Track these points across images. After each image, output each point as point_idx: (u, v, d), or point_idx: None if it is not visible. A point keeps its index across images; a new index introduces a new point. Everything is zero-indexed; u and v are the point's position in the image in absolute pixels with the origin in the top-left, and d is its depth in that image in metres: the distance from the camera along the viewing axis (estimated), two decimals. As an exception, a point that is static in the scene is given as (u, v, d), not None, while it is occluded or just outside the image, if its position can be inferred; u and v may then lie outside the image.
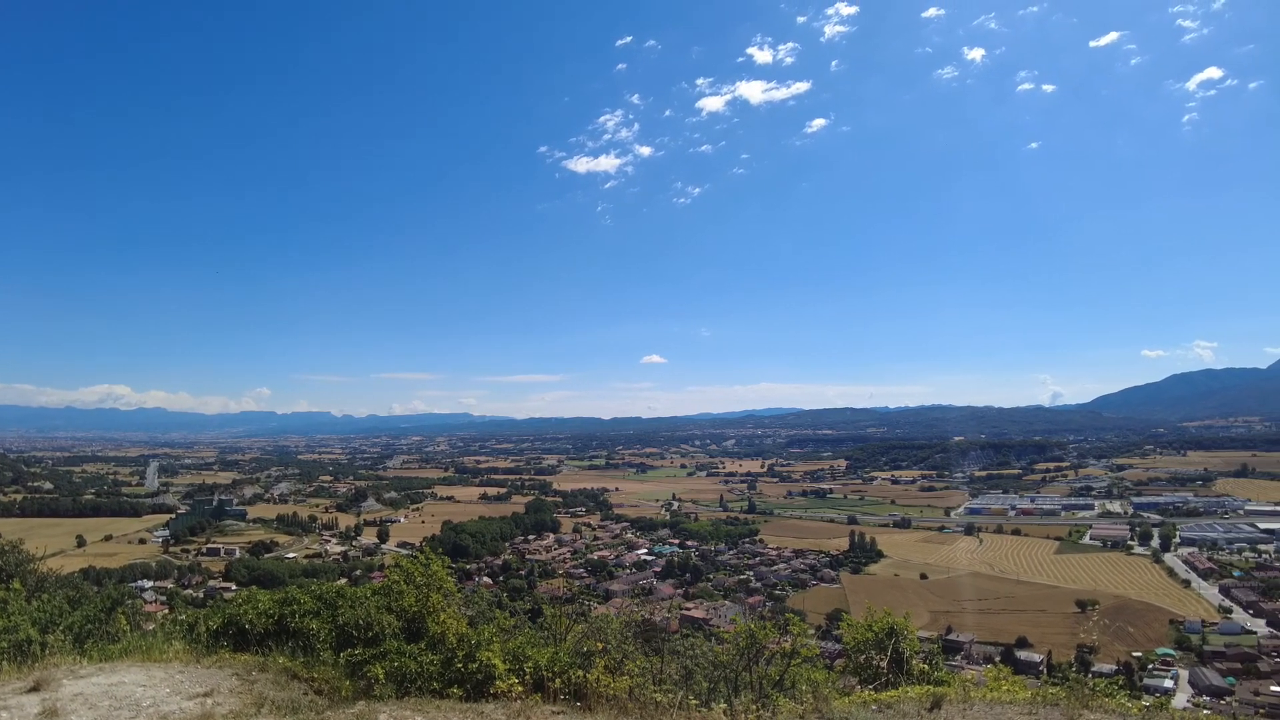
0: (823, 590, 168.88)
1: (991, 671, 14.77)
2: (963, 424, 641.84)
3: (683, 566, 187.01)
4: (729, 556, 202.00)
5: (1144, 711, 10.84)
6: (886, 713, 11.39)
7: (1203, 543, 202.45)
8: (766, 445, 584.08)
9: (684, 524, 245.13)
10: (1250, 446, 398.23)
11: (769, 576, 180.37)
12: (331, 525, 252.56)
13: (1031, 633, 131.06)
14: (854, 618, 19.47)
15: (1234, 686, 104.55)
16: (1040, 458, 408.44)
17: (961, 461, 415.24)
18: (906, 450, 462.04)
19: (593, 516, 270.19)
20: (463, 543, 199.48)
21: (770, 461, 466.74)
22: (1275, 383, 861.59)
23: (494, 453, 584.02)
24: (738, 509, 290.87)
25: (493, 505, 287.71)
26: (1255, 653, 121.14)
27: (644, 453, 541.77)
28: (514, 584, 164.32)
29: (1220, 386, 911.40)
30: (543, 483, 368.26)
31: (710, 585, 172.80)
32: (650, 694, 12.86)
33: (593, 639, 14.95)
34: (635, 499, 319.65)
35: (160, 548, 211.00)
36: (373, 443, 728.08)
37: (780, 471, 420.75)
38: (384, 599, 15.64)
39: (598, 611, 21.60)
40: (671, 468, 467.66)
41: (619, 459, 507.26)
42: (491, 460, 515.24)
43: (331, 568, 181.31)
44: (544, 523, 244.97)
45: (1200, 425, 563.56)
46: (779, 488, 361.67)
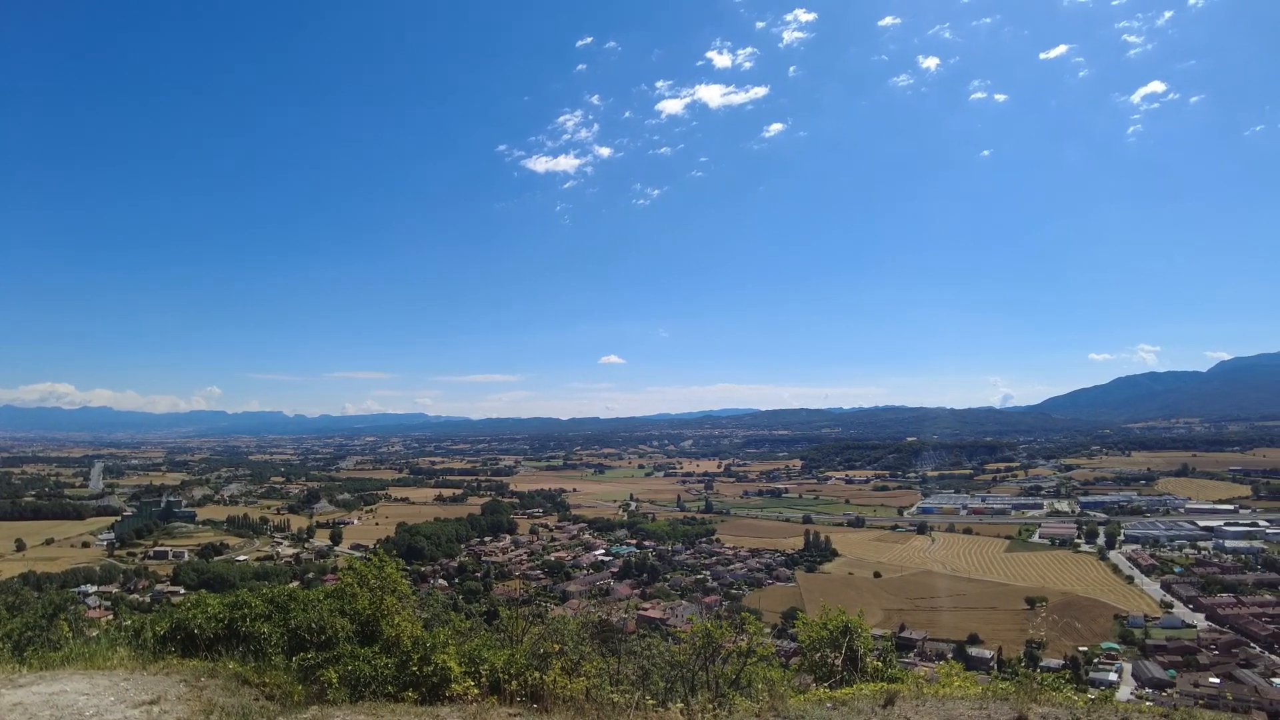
0: (778, 589, 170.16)
1: (944, 668, 15.00)
2: (916, 425, 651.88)
3: (640, 567, 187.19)
4: (686, 556, 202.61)
5: (1089, 704, 11.08)
6: (841, 710, 11.51)
7: (1146, 540, 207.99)
8: (724, 446, 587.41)
9: (642, 524, 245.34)
10: (1191, 447, 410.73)
11: (725, 576, 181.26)
12: (283, 527, 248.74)
13: (983, 630, 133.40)
14: (809, 616, 19.65)
15: (1175, 679, 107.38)
16: (991, 458, 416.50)
17: (914, 461, 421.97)
18: (861, 450, 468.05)
19: (550, 517, 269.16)
20: (418, 545, 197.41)
21: (727, 462, 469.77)
22: (1214, 386, 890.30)
23: (450, 453, 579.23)
24: (695, 509, 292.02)
25: (448, 507, 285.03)
26: (1195, 646, 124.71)
27: (602, 453, 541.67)
28: (470, 586, 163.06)
29: (1163, 389, 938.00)
30: (499, 484, 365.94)
31: (667, 585, 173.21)
32: (607, 694, 12.85)
33: (549, 640, 14.89)
34: (593, 500, 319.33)
35: (105, 551, 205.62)
36: (325, 443, 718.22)
37: (737, 471, 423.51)
38: (337, 602, 15.41)
39: (555, 613, 21.53)
40: (630, 468, 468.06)
41: (577, 459, 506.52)
42: (447, 461, 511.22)
43: (283, 570, 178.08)
44: (501, 524, 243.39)
45: (1144, 426, 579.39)
46: (736, 488, 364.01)
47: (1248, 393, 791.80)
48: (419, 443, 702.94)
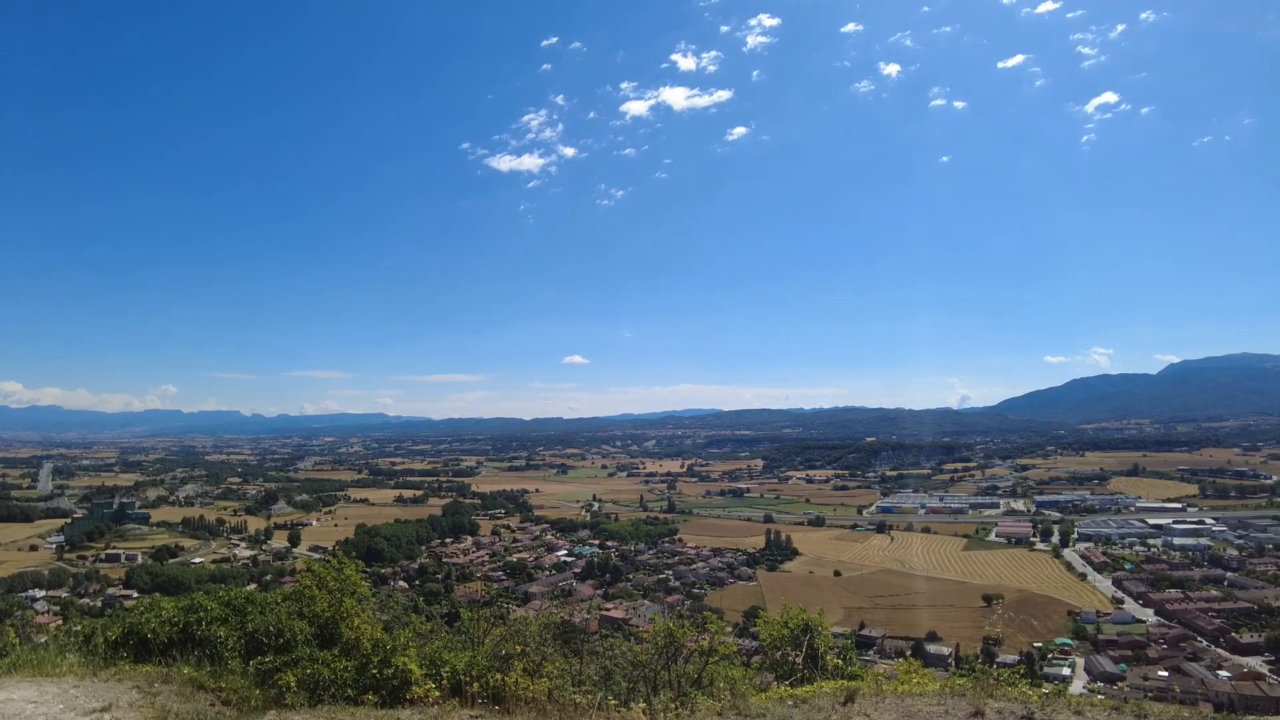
0: (740, 588, 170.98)
1: (903, 665, 15.20)
2: (875, 425, 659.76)
3: (603, 567, 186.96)
4: (649, 556, 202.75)
5: (1043, 699, 11.31)
6: (802, 708, 11.61)
7: (1098, 538, 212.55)
8: (686, 446, 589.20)
9: (604, 524, 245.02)
10: (1141, 447, 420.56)
11: (688, 575, 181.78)
12: (240, 529, 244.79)
13: (941, 627, 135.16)
14: (770, 615, 19.74)
15: (1125, 672, 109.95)
16: (949, 458, 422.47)
17: (874, 461, 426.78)
18: (821, 450, 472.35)
19: (512, 518, 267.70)
20: (377, 546, 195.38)
21: (690, 462, 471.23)
22: (1164, 388, 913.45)
23: (410, 454, 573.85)
24: (658, 509, 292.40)
25: (409, 508, 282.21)
26: (1144, 640, 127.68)
27: (565, 453, 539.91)
28: (431, 588, 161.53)
29: (1115, 391, 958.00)
30: (461, 485, 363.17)
31: (630, 585, 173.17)
32: (569, 695, 12.83)
33: (511, 642, 14.82)
34: (556, 500, 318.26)
35: (54, 554, 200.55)
36: (283, 443, 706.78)
37: (699, 471, 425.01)
38: (295, 605, 15.19)
39: (516, 614, 21.41)
40: (592, 468, 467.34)
41: (540, 460, 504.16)
42: (408, 462, 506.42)
43: (240, 573, 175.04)
44: (462, 525, 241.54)
45: (1097, 427, 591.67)
46: (698, 487, 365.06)
47: (1195, 395, 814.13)
48: (379, 443, 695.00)
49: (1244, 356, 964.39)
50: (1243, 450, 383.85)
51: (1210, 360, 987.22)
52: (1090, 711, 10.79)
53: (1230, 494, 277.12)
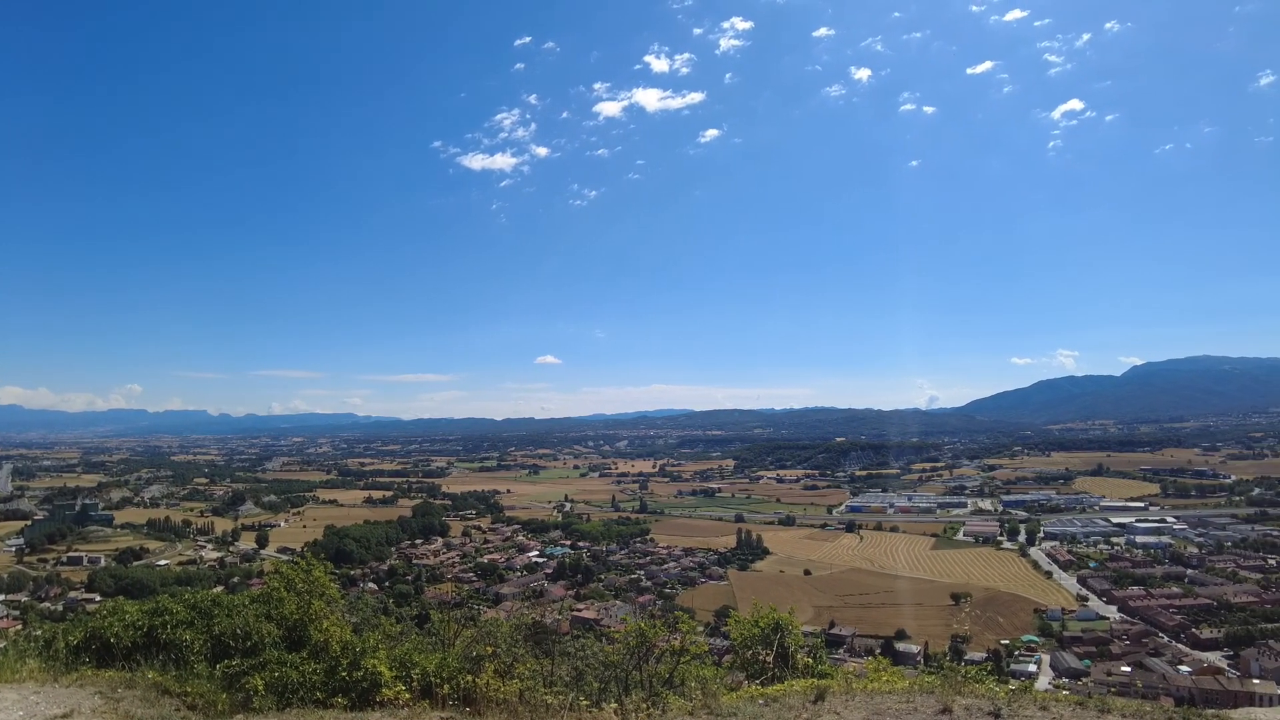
0: (711, 588, 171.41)
1: (872, 663, 15.33)
2: (845, 425, 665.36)
3: (574, 567, 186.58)
4: (620, 556, 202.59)
5: (1010, 695, 11.46)
6: (773, 706, 11.67)
7: (1063, 537, 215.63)
8: (658, 446, 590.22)
9: (576, 525, 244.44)
10: (1105, 448, 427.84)
11: (659, 575, 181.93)
12: (207, 530, 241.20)
13: (910, 625, 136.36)
14: (741, 614, 19.86)
15: (1089, 668, 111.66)
16: (917, 458, 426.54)
17: (843, 461, 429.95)
18: (791, 450, 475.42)
19: (483, 519, 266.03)
20: (346, 548, 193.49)
21: (662, 462, 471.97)
22: (1127, 389, 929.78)
23: (380, 454, 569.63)
24: (629, 509, 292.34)
25: (378, 509, 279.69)
26: (1108, 636, 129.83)
27: (537, 454, 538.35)
28: (401, 589, 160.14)
29: (1081, 392, 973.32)
30: (431, 485, 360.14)
31: (602, 585, 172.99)
32: (541, 696, 12.81)
33: (482, 643, 14.80)
34: (527, 501, 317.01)
35: (13, 557, 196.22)
36: (251, 443, 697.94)
37: (671, 471, 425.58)
38: (263, 607, 15.04)
39: (487, 615, 21.35)
40: (564, 469, 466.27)
41: (511, 460, 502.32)
42: (377, 462, 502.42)
43: (207, 575, 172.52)
44: (432, 526, 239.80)
45: (1062, 428, 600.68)
46: (670, 487, 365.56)
47: (1158, 396, 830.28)
48: (348, 443, 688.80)
49: (1204, 359, 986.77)
50: (1203, 450, 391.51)
51: (1172, 363, 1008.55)
52: (1055, 707, 10.95)
53: (1191, 493, 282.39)
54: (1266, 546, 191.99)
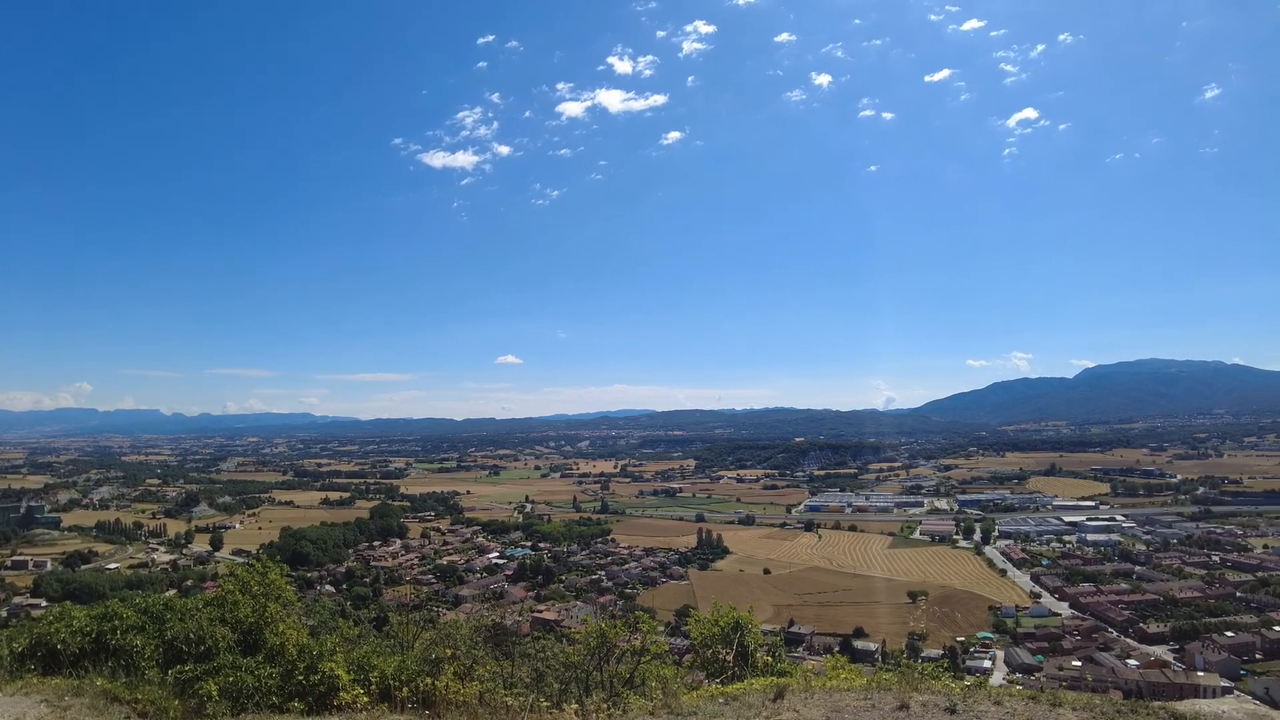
0: (672, 587, 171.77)
1: (830, 661, 15.50)
2: (804, 426, 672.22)
3: (535, 568, 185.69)
4: (581, 557, 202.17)
5: (965, 691, 11.65)
6: (733, 705, 11.73)
7: (1017, 535, 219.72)
8: (620, 446, 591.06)
9: (537, 526, 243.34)
10: (1058, 448, 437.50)
11: (620, 575, 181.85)
12: (159, 532, 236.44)
13: (867, 623, 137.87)
14: (701, 614, 19.91)
15: (1042, 663, 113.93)
16: (875, 458, 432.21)
17: (802, 461, 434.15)
18: (752, 450, 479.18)
19: (442, 521, 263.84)
20: (303, 550, 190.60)
21: (623, 462, 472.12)
22: (1079, 391, 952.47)
23: (337, 455, 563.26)
24: (591, 509, 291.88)
25: (335, 510, 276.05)
26: (1060, 632, 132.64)
27: (497, 454, 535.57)
28: (358, 592, 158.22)
29: (1034, 394, 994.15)
30: (389, 486, 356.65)
31: (562, 586, 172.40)
32: (501, 698, 12.76)
33: (441, 645, 14.70)
34: (487, 502, 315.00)
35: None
36: (205, 444, 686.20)
37: (633, 472, 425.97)
38: (217, 610, 14.78)
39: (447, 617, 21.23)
40: (525, 469, 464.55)
41: (471, 461, 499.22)
42: (334, 463, 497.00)
43: (159, 578, 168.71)
44: (390, 528, 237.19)
45: (1017, 429, 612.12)
46: (631, 488, 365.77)
47: (1108, 398, 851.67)
48: (305, 444, 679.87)
49: (1152, 362, 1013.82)
50: (1150, 451, 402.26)
51: (1122, 365, 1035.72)
52: (1009, 702, 11.16)
53: (1139, 492, 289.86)
54: (1210, 543, 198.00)
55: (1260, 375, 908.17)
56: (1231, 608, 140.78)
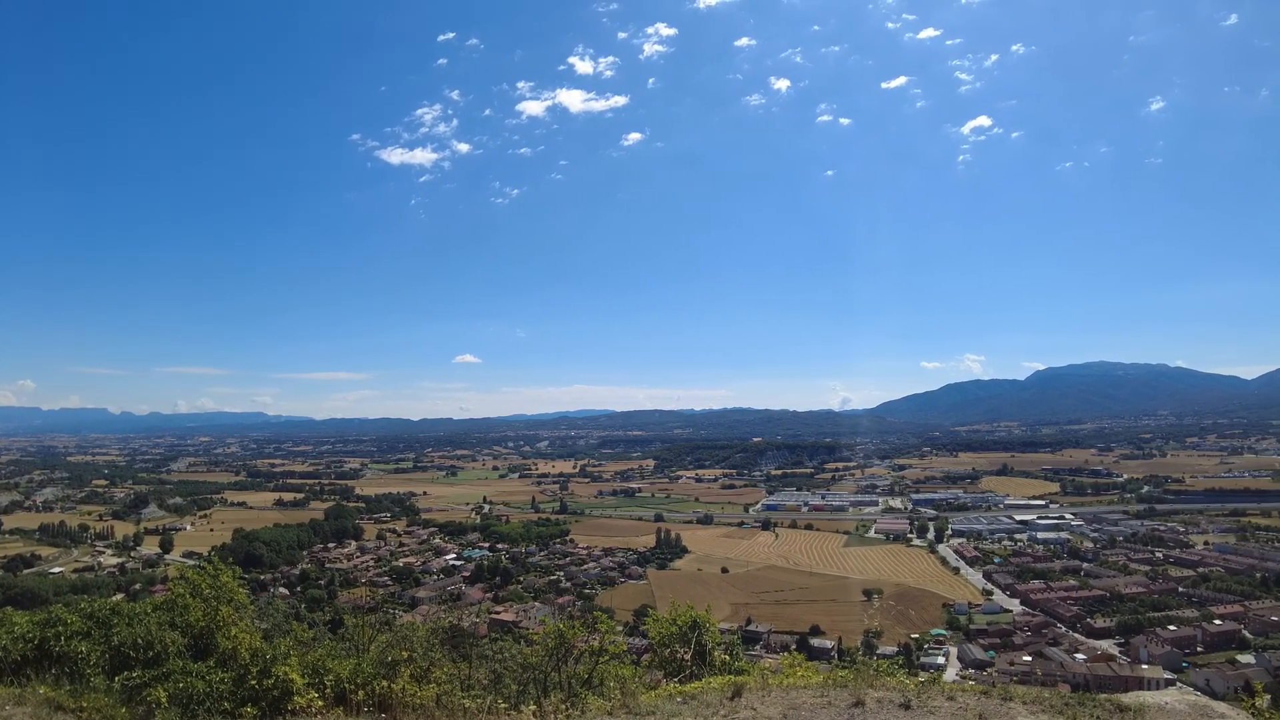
0: (631, 587, 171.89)
1: (787, 659, 15.69)
2: (761, 426, 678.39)
3: (493, 570, 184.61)
4: (540, 558, 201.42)
5: (919, 686, 11.87)
6: (691, 704, 11.81)
7: (970, 534, 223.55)
8: (579, 446, 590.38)
9: (495, 527, 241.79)
10: (1010, 449, 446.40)
11: (579, 576, 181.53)
12: (106, 535, 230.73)
13: (824, 621, 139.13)
14: (660, 613, 20.02)
15: (994, 659, 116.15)
16: (831, 458, 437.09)
17: (760, 461, 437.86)
18: (710, 450, 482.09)
19: (399, 522, 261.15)
20: (256, 552, 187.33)
21: (583, 462, 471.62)
22: (1030, 393, 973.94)
23: (291, 455, 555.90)
24: (549, 510, 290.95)
25: (289, 511, 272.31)
26: (1011, 628, 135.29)
27: (455, 455, 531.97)
28: (313, 594, 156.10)
29: (986, 395, 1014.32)
30: (344, 487, 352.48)
31: (521, 587, 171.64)
32: (458, 700, 12.70)
33: (398, 648, 14.58)
34: (444, 503, 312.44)
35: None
36: (155, 443, 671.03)
37: (592, 472, 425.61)
38: (167, 615, 14.50)
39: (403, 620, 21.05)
40: (483, 470, 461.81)
41: (428, 462, 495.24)
42: (288, 463, 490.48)
43: (106, 582, 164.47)
44: (346, 529, 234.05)
45: (969, 430, 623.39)
46: (590, 488, 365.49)
47: (1058, 399, 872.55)
48: (258, 444, 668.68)
49: (1100, 364, 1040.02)
50: (1098, 451, 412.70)
51: (1072, 368, 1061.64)
52: (962, 697, 11.40)
53: (1087, 491, 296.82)
54: (1154, 540, 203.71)
55: (1202, 378, 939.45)
56: (1174, 602, 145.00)
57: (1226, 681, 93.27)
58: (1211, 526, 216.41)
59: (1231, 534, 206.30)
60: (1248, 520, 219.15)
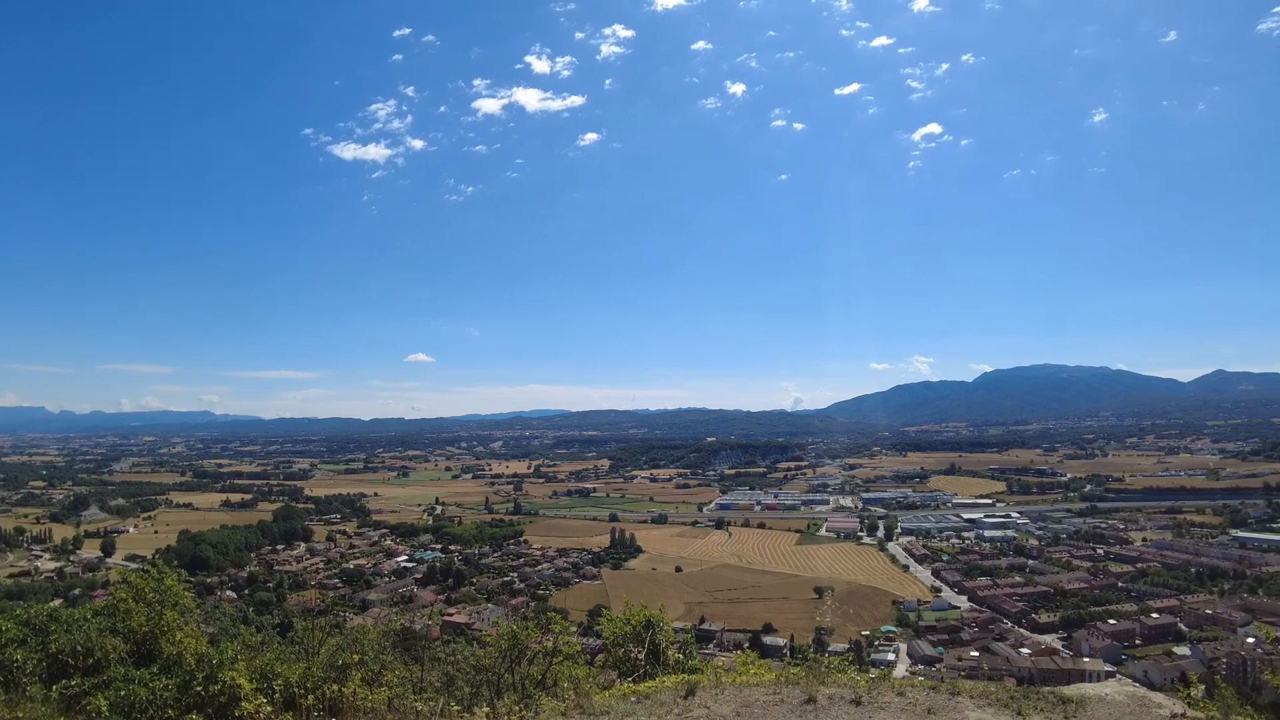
0: (585, 587, 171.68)
1: (740, 657, 15.83)
2: (716, 426, 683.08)
3: (445, 571, 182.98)
4: (493, 559, 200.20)
5: (870, 683, 12.08)
6: (645, 703, 11.86)
7: (919, 532, 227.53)
8: (534, 446, 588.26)
9: (447, 528, 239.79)
10: (958, 448, 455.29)
11: (533, 577, 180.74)
12: (44, 538, 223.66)
13: (776, 619, 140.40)
14: (614, 613, 20.03)
15: (942, 655, 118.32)
16: (783, 457, 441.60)
17: (713, 460, 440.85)
18: (665, 450, 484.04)
19: (349, 523, 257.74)
20: (203, 554, 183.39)
21: (537, 462, 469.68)
22: (977, 394, 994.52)
23: (239, 455, 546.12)
24: (503, 511, 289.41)
25: (237, 513, 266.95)
26: (959, 624, 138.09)
27: (406, 455, 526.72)
28: (261, 597, 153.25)
29: (935, 396, 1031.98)
30: (294, 488, 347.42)
31: (474, 589, 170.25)
32: (410, 703, 12.60)
33: (348, 651, 14.42)
34: (396, 504, 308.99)
35: None
36: (97, 443, 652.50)
37: (546, 472, 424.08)
38: (108, 620, 14.15)
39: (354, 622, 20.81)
40: (436, 470, 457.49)
41: (379, 462, 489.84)
42: (236, 464, 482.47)
43: (43, 588, 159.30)
44: (295, 531, 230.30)
45: (918, 430, 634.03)
46: (545, 488, 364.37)
47: (1004, 400, 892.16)
48: (204, 443, 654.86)
49: (1046, 367, 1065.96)
50: (1043, 451, 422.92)
51: (1018, 370, 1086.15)
52: (911, 692, 11.63)
53: (1032, 490, 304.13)
54: (1095, 537, 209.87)
55: (1142, 380, 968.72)
56: (1114, 597, 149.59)
57: (1163, 673, 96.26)
58: (1149, 524, 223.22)
59: (1168, 531, 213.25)
60: (1183, 517, 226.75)
